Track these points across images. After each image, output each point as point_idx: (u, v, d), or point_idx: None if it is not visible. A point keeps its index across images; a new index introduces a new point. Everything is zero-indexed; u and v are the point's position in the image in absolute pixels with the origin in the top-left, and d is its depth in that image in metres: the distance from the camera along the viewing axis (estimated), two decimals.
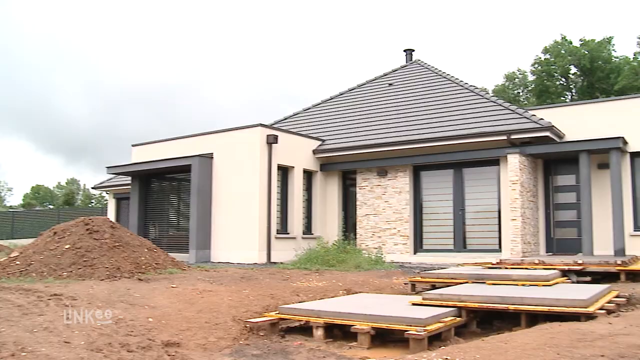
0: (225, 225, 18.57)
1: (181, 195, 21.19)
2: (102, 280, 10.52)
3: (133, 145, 22.21)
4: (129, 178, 22.10)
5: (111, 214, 27.68)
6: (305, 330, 8.87)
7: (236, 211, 18.37)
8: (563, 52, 50.61)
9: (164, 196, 21.99)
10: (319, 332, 8.30)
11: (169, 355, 6.65)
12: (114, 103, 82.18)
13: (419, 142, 18.65)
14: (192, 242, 18.49)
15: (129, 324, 7.45)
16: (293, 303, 9.80)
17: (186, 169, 19.17)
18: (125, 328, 7.24)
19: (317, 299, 10.56)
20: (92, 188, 32.00)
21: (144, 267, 12.01)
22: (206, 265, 16.27)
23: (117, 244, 12.20)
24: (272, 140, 18.39)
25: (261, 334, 8.44)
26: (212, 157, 19.21)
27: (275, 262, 17.59)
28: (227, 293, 10.18)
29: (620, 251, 15.61)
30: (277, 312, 9.12)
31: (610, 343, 5.92)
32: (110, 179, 27.61)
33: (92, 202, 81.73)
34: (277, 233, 18.67)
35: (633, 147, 16.70)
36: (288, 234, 19.27)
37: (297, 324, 9.23)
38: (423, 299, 9.25)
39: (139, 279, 10.97)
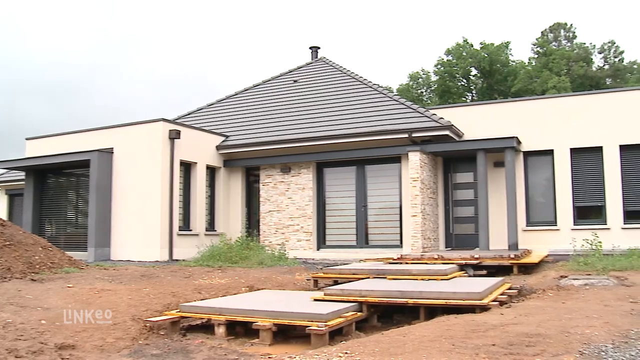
0: (126, 223, 18.07)
1: (80, 191, 20.42)
2: None
3: (27, 139, 21.16)
4: (23, 173, 21.08)
5: (3, 212, 26.29)
6: (207, 328, 8.82)
7: (137, 208, 17.91)
8: (464, 54, 52.45)
9: (61, 192, 21.12)
10: (220, 330, 8.26)
11: (62, 359, 6.43)
12: (8, 95, 78.27)
13: (323, 139, 18.84)
14: (90, 240, 17.87)
15: (19, 328, 7.13)
16: (195, 301, 9.71)
17: (85, 164, 18.49)
18: (14, 332, 6.93)
19: (219, 296, 10.51)
20: None
21: (37, 266, 11.53)
22: (106, 263, 15.80)
23: (8, 242, 11.64)
24: (174, 136, 18.05)
25: (162, 333, 8.32)
26: (113, 152, 18.63)
27: (177, 260, 17.29)
28: (126, 292, 9.94)
29: (513, 245, 16.38)
30: (178, 310, 9.01)
31: (501, 332, 6.24)
32: (2, 174, 26.26)
33: None
34: (180, 230, 18.35)
35: (526, 146, 17.58)
36: (191, 230, 18.98)
37: (199, 322, 9.16)
38: (325, 294, 9.39)
39: (32, 280, 10.53)
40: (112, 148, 18.64)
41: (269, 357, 6.77)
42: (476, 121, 18.33)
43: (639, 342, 5.67)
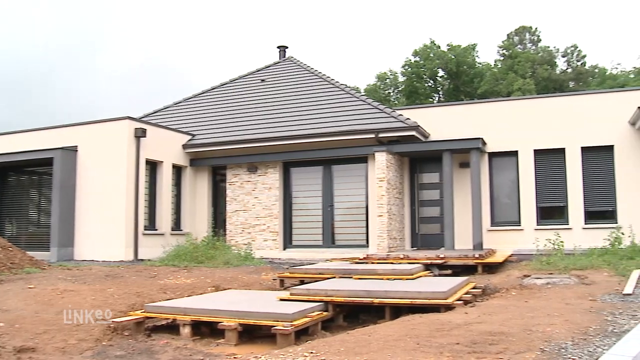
0: (90, 222, 17.81)
1: (42, 190, 20.07)
2: None
3: None
4: None
5: None
6: (172, 328, 8.75)
7: (102, 207, 17.66)
8: (432, 55, 52.79)
9: (22, 191, 20.74)
10: (186, 330, 8.21)
11: None
12: None
13: (290, 139, 18.83)
14: (53, 240, 17.57)
15: None
16: (160, 301, 9.62)
17: (48, 162, 18.16)
18: None
19: (185, 296, 10.44)
20: None
21: None
22: (69, 263, 15.55)
23: None
24: (140, 134, 17.86)
25: (126, 333, 8.22)
26: (77, 151, 18.34)
27: (142, 259, 17.11)
28: (90, 292, 9.81)
29: (478, 245, 16.59)
30: (143, 310, 8.92)
31: (465, 331, 6.31)
32: None
33: None
34: (145, 229, 18.16)
35: (492, 147, 17.81)
36: (156, 230, 18.80)
37: (164, 322, 9.08)
38: (291, 294, 9.39)
39: None
40: (77, 146, 18.35)
41: (235, 357, 6.74)
42: (442, 122, 18.51)
43: (597, 339, 5.81)
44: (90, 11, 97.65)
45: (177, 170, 20.25)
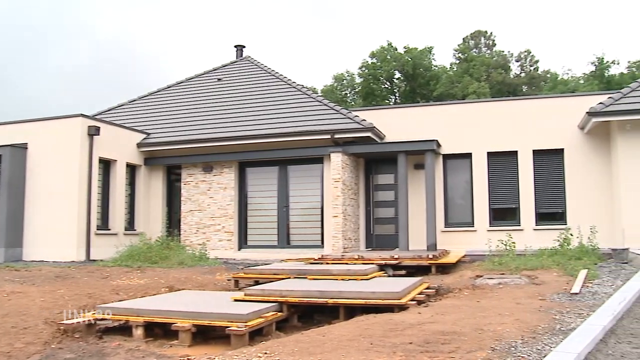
0: (40, 221, 17.39)
1: None
2: None
3: None
4: None
5: None
6: (125, 330, 8.61)
7: (53, 206, 17.26)
8: (389, 57, 53.12)
9: None
10: (138, 332, 8.11)
11: None
12: None
13: (245, 139, 18.74)
14: (0, 240, 17.08)
15: None
16: (112, 302, 9.47)
17: None
18: None
19: (138, 297, 10.31)
20: None
21: None
22: (17, 264, 15.18)
23: None
24: (93, 132, 17.53)
25: (76, 336, 8.07)
26: (27, 148, 17.90)
27: (95, 260, 16.79)
28: (39, 294, 9.60)
29: (432, 246, 16.79)
30: (95, 312, 8.76)
31: (418, 331, 6.39)
32: None
33: None
34: (98, 229, 17.82)
35: (446, 149, 18.06)
36: (109, 230, 18.47)
37: (116, 324, 8.92)
38: (245, 294, 9.35)
39: None
40: (27, 143, 17.91)
41: (188, 359, 6.68)
42: (398, 124, 18.68)
43: (545, 337, 5.97)
44: (40, 5, 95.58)
45: (131, 169, 19.95)
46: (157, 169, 20.59)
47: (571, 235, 14.57)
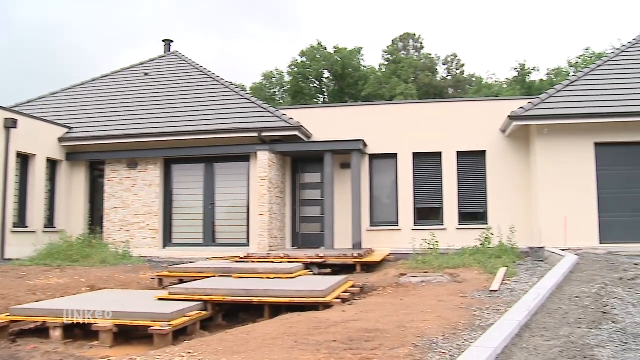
0: None
1: None
2: None
3: None
4: None
5: None
6: (42, 332, 8.31)
7: None
8: (318, 56, 53.37)
9: None
10: (56, 333, 7.85)
11: None
12: None
13: (171, 135, 18.45)
14: None
15: None
16: (28, 303, 9.13)
17: None
18: None
19: (57, 297, 9.99)
20: None
21: None
22: None
23: None
24: (10, 125, 16.84)
25: None
26: None
27: (10, 259, 16.13)
28: None
29: (357, 245, 16.98)
30: (8, 314, 8.41)
31: (342, 329, 6.46)
32: None
33: None
34: (14, 227, 17.13)
35: (372, 149, 18.31)
36: (27, 227, 17.79)
37: (32, 326, 8.61)
38: (169, 293, 9.22)
39: None
40: None
41: None
42: (326, 123, 18.81)
43: (465, 333, 6.16)
44: None
45: (52, 164, 19.28)
46: (80, 164, 19.97)
47: (492, 234, 15.04)
